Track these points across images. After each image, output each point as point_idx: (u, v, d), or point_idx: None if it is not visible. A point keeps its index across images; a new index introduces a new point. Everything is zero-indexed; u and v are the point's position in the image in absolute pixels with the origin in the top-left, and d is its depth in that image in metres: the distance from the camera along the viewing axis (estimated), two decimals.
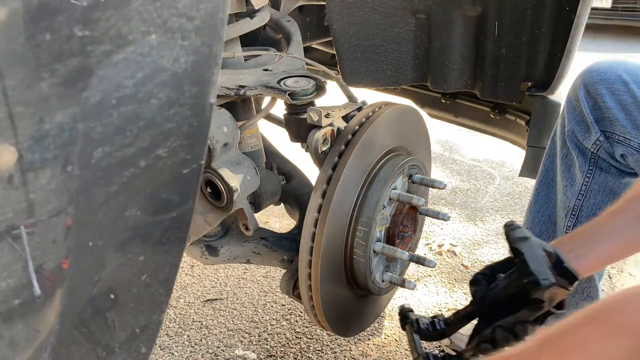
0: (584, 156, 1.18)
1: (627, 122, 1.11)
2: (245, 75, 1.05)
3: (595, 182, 1.19)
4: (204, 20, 0.47)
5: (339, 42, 1.64)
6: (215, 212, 1.05)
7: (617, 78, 1.12)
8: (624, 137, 1.11)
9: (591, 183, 1.19)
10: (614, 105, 1.12)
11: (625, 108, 1.11)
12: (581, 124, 1.17)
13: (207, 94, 0.51)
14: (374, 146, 1.05)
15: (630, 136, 1.11)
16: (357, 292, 1.15)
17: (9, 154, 0.40)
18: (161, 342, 1.57)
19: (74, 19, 0.40)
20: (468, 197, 2.46)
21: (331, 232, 0.99)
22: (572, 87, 1.22)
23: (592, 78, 1.16)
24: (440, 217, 1.11)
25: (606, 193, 1.19)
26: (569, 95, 1.23)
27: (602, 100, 1.13)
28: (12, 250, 0.42)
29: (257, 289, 1.80)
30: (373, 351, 1.53)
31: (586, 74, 1.18)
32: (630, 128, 1.11)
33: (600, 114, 1.14)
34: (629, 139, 1.11)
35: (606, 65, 1.17)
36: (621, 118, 1.11)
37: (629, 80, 1.11)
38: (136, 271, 0.54)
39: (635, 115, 1.10)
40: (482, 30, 1.49)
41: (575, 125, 1.18)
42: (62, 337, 0.50)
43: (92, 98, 0.43)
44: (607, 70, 1.15)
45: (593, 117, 1.14)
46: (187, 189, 0.54)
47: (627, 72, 1.13)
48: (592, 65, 1.20)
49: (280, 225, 2.20)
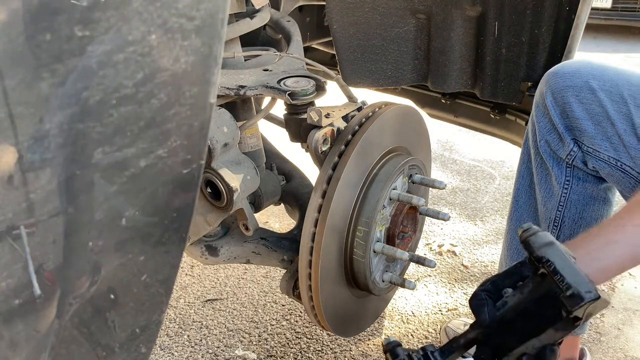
0: (559, 167, 1.13)
1: (597, 133, 1.05)
2: (245, 75, 1.05)
3: (574, 192, 1.14)
4: (204, 20, 0.47)
5: (339, 42, 1.64)
6: (215, 212, 1.05)
7: (584, 85, 1.06)
8: (593, 148, 1.06)
9: (570, 193, 1.14)
10: (582, 115, 1.06)
11: (594, 118, 1.05)
12: (552, 133, 1.12)
13: (207, 94, 0.51)
14: (374, 146, 1.05)
15: (599, 148, 1.05)
16: (357, 293, 1.15)
17: (9, 154, 0.40)
18: (161, 342, 1.57)
19: (74, 19, 0.40)
20: (468, 197, 2.46)
21: (331, 232, 0.99)
22: (539, 90, 1.16)
23: (557, 83, 1.09)
24: (440, 217, 1.11)
25: (586, 201, 1.14)
26: (536, 100, 1.16)
27: (570, 109, 1.07)
28: (12, 250, 0.42)
29: (257, 289, 1.80)
30: (373, 351, 1.53)
31: (551, 79, 1.11)
32: (600, 140, 1.05)
33: (569, 122, 1.08)
34: (598, 150, 1.05)
35: (572, 69, 1.10)
36: (590, 129, 1.05)
37: (596, 87, 1.05)
38: (136, 271, 0.54)
39: (605, 126, 1.04)
40: (482, 30, 1.49)
41: (547, 134, 1.12)
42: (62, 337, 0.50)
43: (92, 98, 0.43)
44: (574, 75, 1.08)
45: (563, 126, 1.09)
46: (187, 189, 0.54)
47: (595, 77, 1.06)
48: (557, 68, 1.13)
49: (280, 225, 2.20)
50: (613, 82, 1.05)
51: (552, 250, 0.74)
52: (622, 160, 1.04)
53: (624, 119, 1.03)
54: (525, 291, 0.76)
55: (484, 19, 1.46)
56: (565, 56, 1.36)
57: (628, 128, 1.02)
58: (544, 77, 1.14)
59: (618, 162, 1.04)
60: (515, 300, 0.77)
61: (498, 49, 1.49)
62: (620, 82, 1.05)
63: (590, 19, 1.35)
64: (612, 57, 5.17)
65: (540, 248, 0.75)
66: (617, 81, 1.05)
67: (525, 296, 0.76)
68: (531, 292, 0.76)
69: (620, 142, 1.03)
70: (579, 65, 1.10)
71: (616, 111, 1.03)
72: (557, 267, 0.72)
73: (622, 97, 1.03)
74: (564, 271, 0.71)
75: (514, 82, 1.52)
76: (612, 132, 1.04)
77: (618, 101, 1.03)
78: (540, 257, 0.74)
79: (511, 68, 1.50)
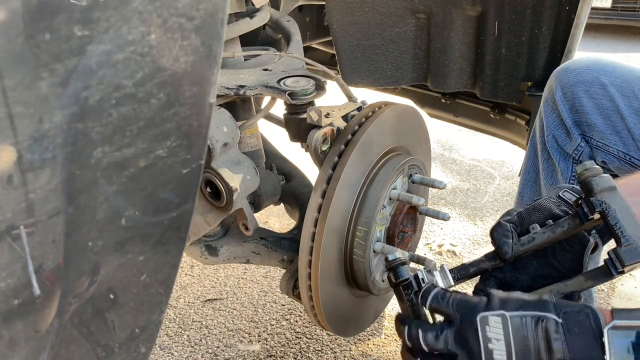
0: (565, 162, 1.14)
1: (606, 127, 1.05)
2: (245, 75, 1.05)
3: None
4: (203, 20, 0.47)
5: (339, 42, 1.64)
6: (215, 212, 1.05)
7: (595, 80, 1.06)
8: (603, 143, 1.06)
9: None
10: (592, 110, 1.06)
11: (604, 113, 1.06)
12: (560, 128, 1.13)
13: (207, 93, 0.51)
14: (374, 146, 1.05)
15: (608, 142, 1.06)
16: (357, 292, 1.15)
17: (8, 154, 0.40)
18: (161, 342, 1.57)
19: (74, 19, 0.40)
20: (468, 197, 2.46)
21: (331, 232, 0.99)
22: (548, 87, 1.17)
23: (568, 79, 1.10)
24: (440, 217, 1.11)
25: None
26: (545, 96, 1.17)
27: (579, 104, 1.08)
28: (11, 250, 0.42)
29: (257, 289, 1.80)
30: (373, 351, 1.52)
31: (561, 74, 1.12)
32: (609, 134, 1.05)
33: (578, 117, 1.09)
34: (607, 145, 1.06)
35: (583, 65, 1.11)
36: (599, 123, 1.06)
37: (607, 82, 1.05)
38: (136, 271, 0.54)
39: (615, 120, 1.05)
40: (482, 30, 1.49)
41: (555, 129, 1.13)
42: (62, 337, 0.50)
43: (92, 98, 0.43)
44: (584, 71, 1.09)
45: (571, 121, 1.10)
46: (186, 189, 0.54)
47: (605, 73, 1.07)
48: (567, 65, 1.14)
49: (280, 225, 2.20)
50: (624, 78, 1.06)
51: (613, 196, 0.68)
52: (631, 154, 1.05)
53: (634, 113, 1.04)
54: (557, 231, 0.71)
55: (484, 18, 1.46)
56: (565, 56, 1.36)
57: (639, 122, 1.04)
58: (554, 74, 1.15)
59: (627, 155, 1.05)
60: (544, 239, 0.72)
61: (498, 49, 1.49)
62: (632, 79, 1.06)
63: (590, 18, 1.35)
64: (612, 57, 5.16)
65: (602, 192, 0.68)
66: (629, 77, 1.06)
67: (557, 236, 0.71)
68: (564, 233, 0.71)
69: (629, 136, 1.04)
70: (589, 62, 1.11)
71: (627, 106, 1.04)
72: (617, 216, 0.66)
73: (634, 92, 1.04)
74: (624, 221, 0.66)
75: (514, 82, 1.52)
76: (621, 127, 1.05)
77: (629, 96, 1.04)
78: (600, 201, 0.68)
79: (511, 68, 1.50)
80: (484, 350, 0.61)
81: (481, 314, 0.62)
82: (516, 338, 0.60)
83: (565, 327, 0.59)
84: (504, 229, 0.74)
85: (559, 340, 0.58)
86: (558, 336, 0.58)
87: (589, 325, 0.58)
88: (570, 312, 0.60)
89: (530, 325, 0.60)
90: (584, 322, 0.59)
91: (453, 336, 0.64)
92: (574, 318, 0.59)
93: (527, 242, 0.73)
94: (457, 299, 0.66)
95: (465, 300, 0.66)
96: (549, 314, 0.60)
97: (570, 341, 0.58)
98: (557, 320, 0.59)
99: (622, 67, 1.09)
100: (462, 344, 0.63)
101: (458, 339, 0.63)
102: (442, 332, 0.65)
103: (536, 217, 0.75)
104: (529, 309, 0.61)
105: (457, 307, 0.65)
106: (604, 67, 1.08)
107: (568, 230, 0.71)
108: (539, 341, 0.59)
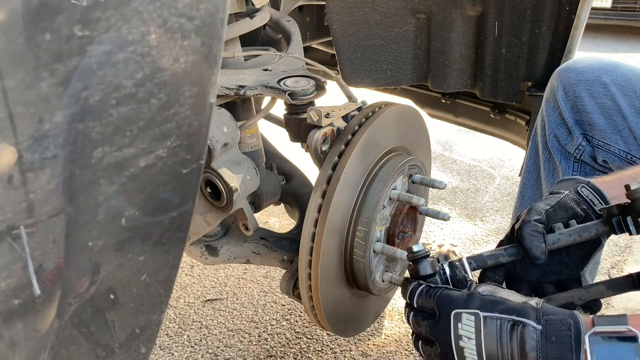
0: (567, 161, 1.14)
1: (607, 126, 1.06)
2: (245, 75, 1.05)
3: None
4: (204, 20, 0.47)
5: (339, 42, 1.64)
6: (215, 212, 1.05)
7: (597, 79, 1.07)
8: (604, 142, 1.07)
9: None
10: (593, 109, 1.07)
11: (606, 112, 1.06)
12: (562, 127, 1.13)
13: (207, 93, 0.51)
14: (374, 146, 1.05)
15: (610, 141, 1.06)
16: (357, 292, 1.15)
17: (9, 154, 0.40)
18: (161, 342, 1.57)
19: (74, 19, 0.40)
20: (468, 197, 2.46)
21: (331, 232, 0.99)
22: (549, 86, 1.17)
23: (570, 78, 1.10)
24: (440, 217, 1.11)
25: None
26: (546, 96, 1.18)
27: (581, 103, 1.08)
28: (12, 250, 0.42)
29: (257, 289, 1.80)
30: (373, 351, 1.52)
31: (563, 74, 1.13)
32: (610, 133, 1.06)
33: (580, 117, 1.09)
34: (609, 144, 1.06)
35: (584, 64, 1.11)
36: (601, 122, 1.06)
37: (608, 81, 1.06)
38: (136, 271, 0.54)
39: (616, 119, 1.05)
40: (482, 30, 1.49)
41: (556, 128, 1.14)
42: (62, 337, 0.50)
43: (92, 98, 0.43)
44: (586, 70, 1.09)
45: (573, 120, 1.10)
46: (187, 189, 0.54)
47: (607, 72, 1.07)
48: (569, 64, 1.14)
49: (280, 225, 2.20)
50: (626, 77, 1.06)
51: None
52: (633, 152, 1.05)
53: (636, 112, 1.04)
54: (584, 235, 0.70)
55: (484, 18, 1.46)
56: (565, 56, 1.36)
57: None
58: (555, 73, 1.15)
59: (628, 154, 1.05)
60: (569, 241, 0.70)
61: (498, 49, 1.49)
62: (633, 78, 1.06)
63: (590, 19, 1.35)
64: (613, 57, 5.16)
65: None
66: (630, 76, 1.07)
67: (582, 240, 0.70)
68: (589, 238, 0.70)
69: (631, 135, 1.05)
70: (591, 61, 1.12)
71: (628, 105, 1.05)
72: None
73: (635, 91, 1.05)
74: None
75: (514, 82, 1.52)
76: (622, 125, 1.05)
77: (631, 95, 1.05)
78: None
79: (511, 68, 1.51)
80: (454, 346, 0.64)
81: (455, 311, 0.65)
82: (488, 338, 0.62)
83: (544, 334, 0.60)
84: (536, 230, 0.71)
85: (534, 346, 0.60)
86: (533, 342, 0.60)
87: (567, 334, 0.59)
88: (552, 320, 0.61)
89: (505, 328, 0.62)
90: (563, 331, 0.60)
91: (432, 327, 0.67)
92: (554, 326, 0.60)
93: (551, 243, 0.72)
94: (439, 294, 0.69)
95: (445, 295, 0.68)
96: (527, 319, 0.61)
97: (545, 348, 0.59)
98: (535, 327, 0.60)
99: (623, 66, 1.09)
100: (438, 335, 0.67)
101: (435, 330, 0.67)
102: (425, 321, 0.69)
103: (561, 215, 0.74)
104: (508, 313, 0.63)
105: (437, 301, 0.68)
106: (605, 67, 1.08)
107: (594, 235, 0.71)
108: (513, 345, 0.61)
